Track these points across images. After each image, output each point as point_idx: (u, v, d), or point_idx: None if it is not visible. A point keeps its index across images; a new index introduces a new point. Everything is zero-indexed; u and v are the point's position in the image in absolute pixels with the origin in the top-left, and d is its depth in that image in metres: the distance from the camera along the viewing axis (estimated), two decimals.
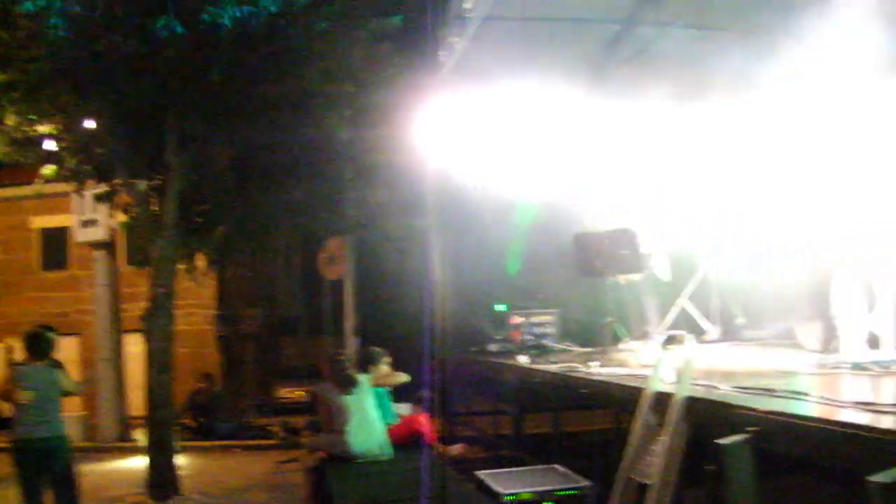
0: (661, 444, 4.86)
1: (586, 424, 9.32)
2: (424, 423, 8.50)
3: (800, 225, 7.37)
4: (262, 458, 12.68)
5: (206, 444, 13.94)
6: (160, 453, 10.02)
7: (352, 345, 12.96)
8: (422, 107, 10.03)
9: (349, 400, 7.99)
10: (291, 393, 15.33)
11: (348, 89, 10.07)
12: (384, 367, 8.68)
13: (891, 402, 4.29)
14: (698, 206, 10.62)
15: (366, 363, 8.61)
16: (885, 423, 3.66)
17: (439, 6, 9.04)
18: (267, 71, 9.41)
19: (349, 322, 13.58)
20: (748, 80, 8.50)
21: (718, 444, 4.21)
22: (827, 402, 4.39)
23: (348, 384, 8.10)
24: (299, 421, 12.14)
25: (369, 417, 7.99)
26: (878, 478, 3.06)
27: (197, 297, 15.75)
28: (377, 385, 8.41)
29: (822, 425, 3.90)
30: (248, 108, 9.63)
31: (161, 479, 9.95)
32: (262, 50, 9.27)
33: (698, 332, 10.73)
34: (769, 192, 7.77)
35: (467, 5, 8.93)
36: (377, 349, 8.82)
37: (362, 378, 8.21)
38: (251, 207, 10.96)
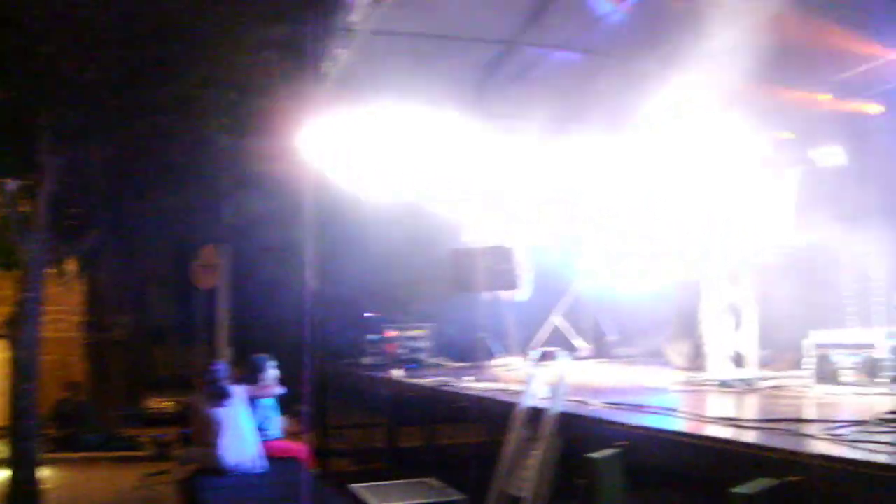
0: (534, 458, 4.93)
1: (460, 438, 9.39)
2: (300, 441, 8.42)
3: (668, 236, 7.59)
4: (130, 470, 12.30)
5: (72, 455, 13.47)
6: (22, 466, 9.66)
7: (225, 355, 12.75)
8: (304, 117, 9.99)
9: (222, 412, 7.86)
10: (161, 403, 14.94)
11: (230, 96, 9.94)
12: (273, 373, 8.58)
13: (753, 417, 4.44)
14: (574, 223, 10.86)
15: (254, 371, 8.50)
16: (748, 437, 3.80)
17: (325, 17, 9.03)
18: (147, 73, 9.23)
19: (223, 332, 13.37)
20: (625, 105, 8.76)
21: (589, 458, 4.30)
22: (693, 417, 4.53)
23: (221, 396, 7.97)
24: (170, 432, 11.88)
25: (242, 430, 7.86)
26: (741, 489, 3.18)
27: (65, 302, 15.25)
28: (255, 397, 8.30)
29: (688, 440, 4.03)
30: (126, 110, 9.42)
31: (22, 493, 9.59)
32: (144, 51, 9.09)
33: (571, 349, 10.93)
34: (640, 206, 7.96)
35: (354, 17, 8.92)
36: (264, 356, 8.69)
37: (237, 390, 8.09)
38: (125, 212, 10.71)
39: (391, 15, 8.57)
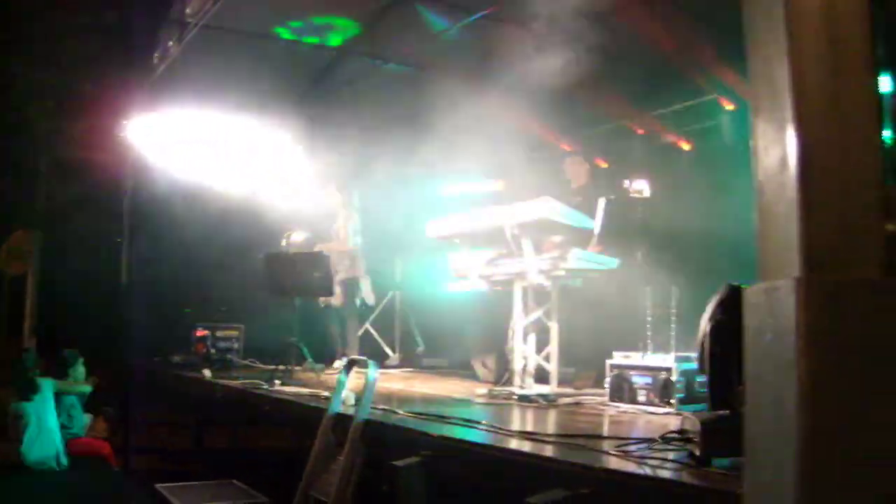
0: (339, 464, 4.98)
1: (267, 441, 9.33)
2: (106, 441, 8.19)
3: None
4: None
5: None
6: None
7: (30, 346, 12.23)
8: (130, 107, 9.77)
9: (27, 406, 7.54)
10: None
11: (53, 80, 9.62)
12: (81, 369, 8.30)
13: (551, 432, 4.62)
14: (386, 233, 11.00)
15: (62, 365, 8.19)
16: (546, 451, 3.96)
17: (158, 8, 8.86)
18: None
19: (28, 322, 12.83)
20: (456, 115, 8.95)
21: (393, 466, 4.38)
22: (495, 430, 4.67)
23: (28, 390, 7.63)
24: None
25: (48, 426, 7.53)
26: (536, 499, 3.32)
27: None
28: (62, 392, 8.01)
29: (489, 451, 4.16)
30: None
31: None
32: None
33: (380, 357, 11.04)
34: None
35: (189, 10, 8.79)
36: (74, 351, 8.40)
37: (45, 384, 7.77)
38: None
39: (226, 13, 8.49)
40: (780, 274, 2.44)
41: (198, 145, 10.30)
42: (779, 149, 2.50)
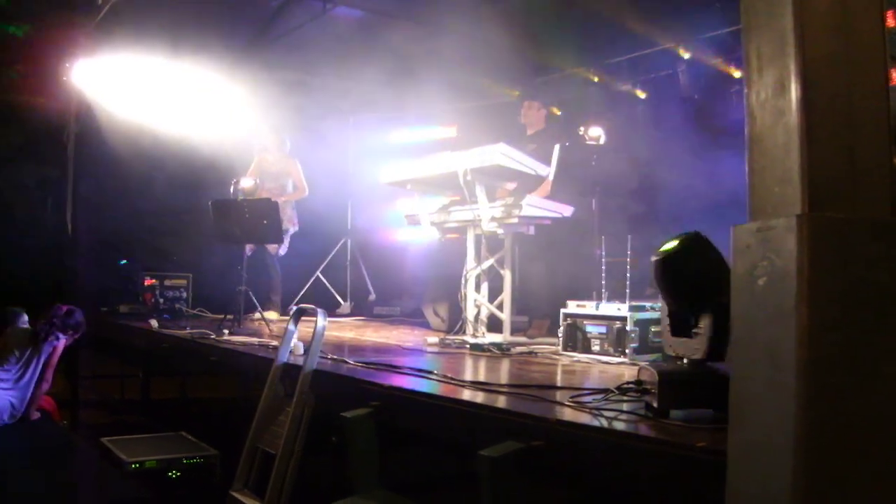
0: (288, 415, 4.88)
1: (215, 392, 9.23)
2: (49, 396, 7.98)
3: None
4: None
5: None
6: None
7: None
8: (71, 50, 9.49)
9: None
10: None
11: None
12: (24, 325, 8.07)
13: (505, 382, 4.54)
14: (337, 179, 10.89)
15: (3, 324, 7.93)
16: (499, 402, 3.88)
17: None
18: None
19: None
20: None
21: (343, 417, 4.29)
22: (447, 380, 4.59)
23: (35, 340, 7.36)
24: None
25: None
26: (488, 452, 3.23)
27: None
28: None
29: (441, 402, 4.07)
30: None
31: None
32: None
33: (331, 306, 10.94)
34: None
35: None
36: (17, 309, 8.14)
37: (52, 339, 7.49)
38: None
39: None
40: (777, 212, 2.23)
41: (143, 90, 10.05)
42: (776, 69, 2.27)
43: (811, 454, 2.07)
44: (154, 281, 10.35)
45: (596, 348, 5.97)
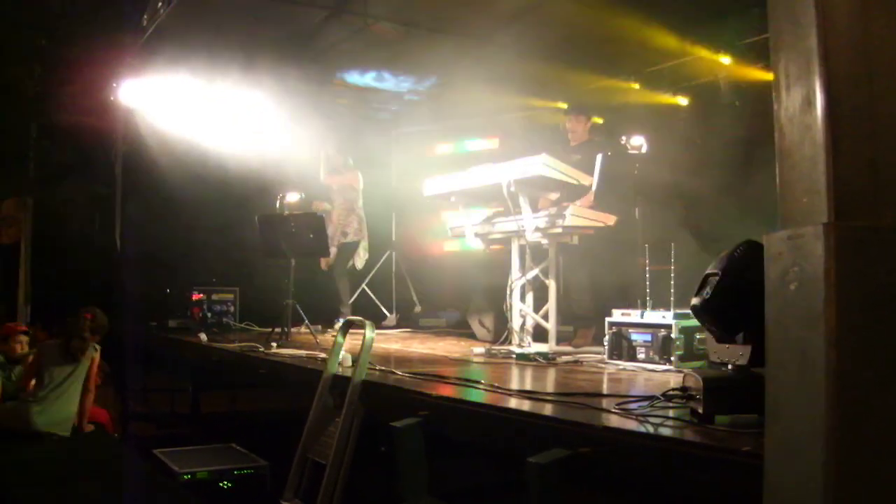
0: (338, 426, 4.95)
1: (264, 404, 9.31)
2: (100, 406, 8.06)
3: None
4: None
5: None
6: None
7: (23, 314, 12.13)
8: (119, 70, 9.64)
9: (58, 371, 7.05)
10: None
11: (40, 42, 9.48)
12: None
13: (551, 391, 4.58)
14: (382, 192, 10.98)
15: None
16: (546, 410, 3.92)
17: None
18: None
19: (23, 290, 12.73)
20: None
21: (392, 426, 4.34)
22: (494, 389, 4.63)
23: (76, 355, 7.14)
24: None
25: (66, 392, 7.11)
26: (536, 459, 3.28)
27: None
28: None
29: (488, 411, 4.12)
30: None
31: None
32: None
33: (377, 318, 11.01)
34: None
35: None
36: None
37: (90, 351, 7.31)
38: None
39: None
40: (805, 221, 2.31)
41: (189, 107, 10.21)
42: (803, 87, 2.36)
43: (841, 449, 2.14)
44: (202, 295, 10.48)
45: (641, 356, 5.99)
